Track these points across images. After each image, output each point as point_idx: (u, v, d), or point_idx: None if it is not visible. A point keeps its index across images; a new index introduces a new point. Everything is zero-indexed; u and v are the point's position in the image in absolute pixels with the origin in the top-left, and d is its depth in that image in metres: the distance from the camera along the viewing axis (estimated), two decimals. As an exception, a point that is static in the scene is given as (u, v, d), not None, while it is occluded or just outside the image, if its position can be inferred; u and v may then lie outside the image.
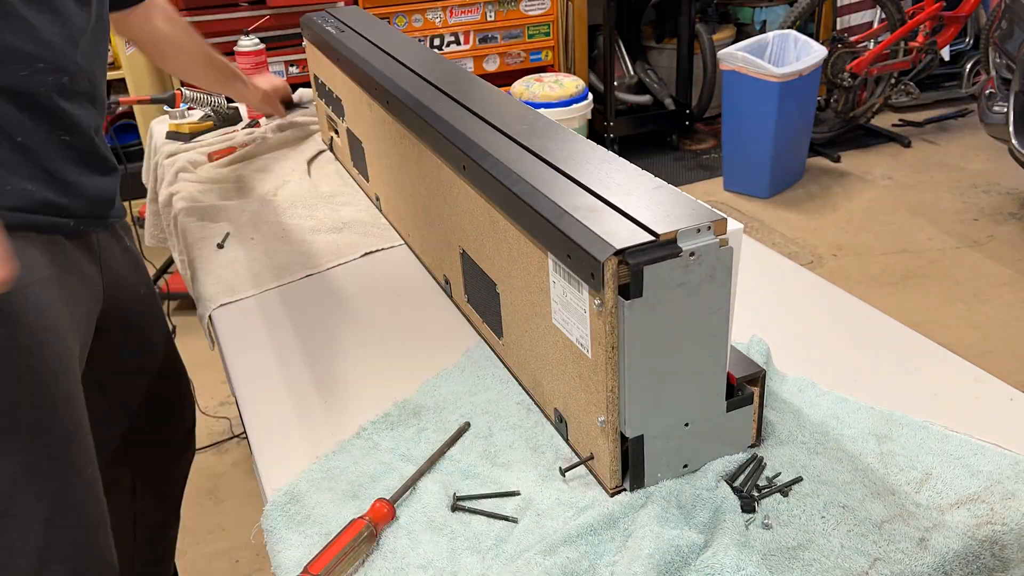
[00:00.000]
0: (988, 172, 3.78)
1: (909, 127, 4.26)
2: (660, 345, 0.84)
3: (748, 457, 0.95)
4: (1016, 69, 3.03)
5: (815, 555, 0.84)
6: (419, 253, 1.46)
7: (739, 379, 0.93)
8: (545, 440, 1.01)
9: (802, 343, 1.17)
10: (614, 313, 0.81)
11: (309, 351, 1.24)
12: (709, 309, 0.84)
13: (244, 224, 1.62)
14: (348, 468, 1.00)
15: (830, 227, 3.41)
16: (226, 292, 1.40)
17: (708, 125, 4.39)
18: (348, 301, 1.36)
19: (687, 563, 0.82)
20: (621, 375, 0.85)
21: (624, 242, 0.79)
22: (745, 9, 4.34)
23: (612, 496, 0.92)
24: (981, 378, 1.08)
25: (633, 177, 0.93)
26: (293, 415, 1.10)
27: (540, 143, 1.04)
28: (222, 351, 1.27)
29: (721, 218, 0.82)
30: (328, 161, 1.91)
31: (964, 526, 0.86)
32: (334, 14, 1.81)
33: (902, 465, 0.94)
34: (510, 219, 0.98)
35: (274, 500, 0.95)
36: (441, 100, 1.22)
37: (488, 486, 0.95)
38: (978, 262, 3.11)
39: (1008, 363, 2.56)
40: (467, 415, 1.07)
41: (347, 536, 0.87)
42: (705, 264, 0.82)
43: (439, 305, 1.33)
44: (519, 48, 3.86)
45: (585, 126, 2.93)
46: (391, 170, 1.47)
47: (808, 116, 3.67)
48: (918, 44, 3.93)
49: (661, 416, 0.88)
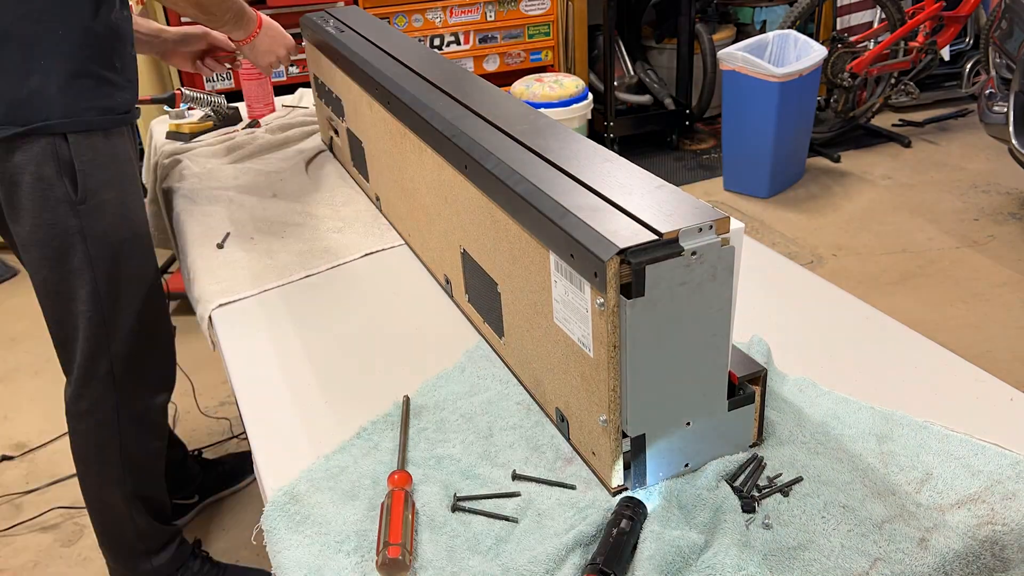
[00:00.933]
0: (988, 172, 3.78)
1: (909, 127, 4.26)
2: (662, 344, 0.84)
3: (748, 457, 0.95)
4: (1016, 69, 3.03)
5: (815, 555, 0.84)
6: (419, 253, 1.46)
7: (741, 378, 0.93)
8: (545, 440, 1.01)
9: (802, 343, 1.17)
10: (616, 312, 0.81)
11: (309, 351, 1.24)
12: (711, 308, 0.84)
13: (244, 224, 1.62)
14: (349, 468, 1.00)
15: (830, 227, 3.41)
16: (226, 292, 1.40)
17: (708, 125, 4.39)
18: (348, 301, 1.36)
19: (688, 564, 0.82)
20: (623, 374, 0.85)
21: (626, 241, 0.79)
22: (745, 9, 4.35)
23: (614, 495, 0.92)
24: (981, 378, 1.08)
25: (635, 176, 0.93)
26: (293, 415, 1.10)
27: (542, 143, 1.04)
28: (222, 351, 1.27)
29: (723, 217, 0.82)
30: (328, 161, 1.91)
31: (964, 526, 0.86)
32: (334, 14, 1.81)
33: (902, 465, 0.94)
34: (512, 218, 0.98)
35: (274, 500, 0.95)
36: (442, 100, 1.22)
37: (488, 486, 0.95)
38: (978, 262, 3.11)
39: (1008, 363, 2.56)
40: (467, 415, 1.07)
41: (398, 506, 0.89)
42: (707, 263, 0.82)
43: (440, 305, 1.33)
44: (519, 48, 3.86)
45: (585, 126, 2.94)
46: (391, 170, 1.47)
47: (808, 116, 3.67)
48: (918, 44, 3.93)
49: (663, 415, 0.89)
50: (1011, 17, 3.19)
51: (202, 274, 1.46)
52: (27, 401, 2.65)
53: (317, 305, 1.35)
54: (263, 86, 2.13)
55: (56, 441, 2.44)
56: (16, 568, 2.06)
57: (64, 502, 2.23)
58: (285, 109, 2.19)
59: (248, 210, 1.67)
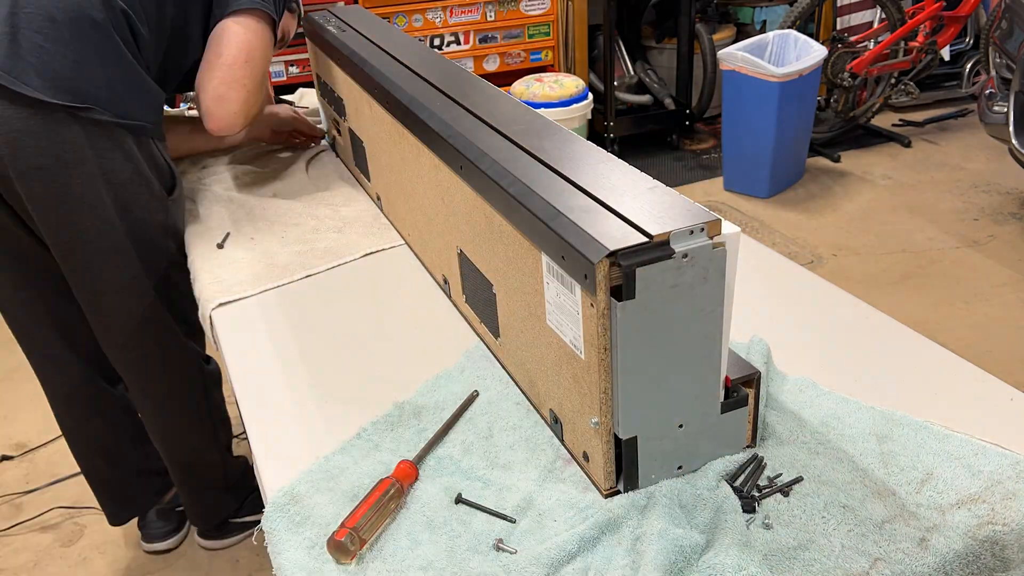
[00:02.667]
0: (988, 172, 3.78)
1: (909, 127, 4.26)
2: (653, 347, 0.84)
3: (748, 457, 0.95)
4: (1016, 69, 3.03)
5: (816, 555, 0.84)
6: (419, 253, 1.46)
7: (734, 381, 0.93)
8: (545, 440, 1.01)
9: (802, 343, 1.17)
10: (606, 315, 0.81)
11: (309, 351, 1.24)
12: (702, 311, 0.84)
13: (244, 224, 1.62)
14: (349, 469, 0.99)
15: (830, 227, 3.41)
16: (226, 292, 1.40)
17: (708, 125, 4.39)
18: (348, 301, 1.36)
19: (690, 563, 0.82)
20: (614, 377, 0.85)
21: (617, 243, 0.79)
22: (745, 9, 4.34)
23: (606, 497, 0.92)
24: (981, 378, 1.08)
25: (628, 178, 0.93)
26: (293, 415, 1.10)
27: (537, 143, 1.03)
28: (222, 351, 1.27)
29: (715, 219, 0.81)
30: (328, 160, 1.91)
31: (965, 526, 0.86)
32: (336, 13, 1.81)
33: (903, 465, 0.94)
34: (506, 219, 0.98)
35: (274, 501, 0.95)
36: (439, 100, 1.22)
37: (489, 487, 0.95)
38: (978, 262, 3.11)
39: (1008, 363, 2.56)
40: (467, 416, 1.07)
41: (376, 493, 0.91)
42: (698, 265, 0.81)
43: (439, 305, 1.33)
44: (519, 48, 3.86)
45: (585, 126, 2.94)
46: (391, 170, 1.47)
47: (808, 116, 3.66)
48: (918, 44, 3.93)
49: (654, 418, 0.88)
50: (1011, 17, 3.18)
51: (202, 274, 1.46)
52: (27, 401, 2.65)
53: (317, 305, 1.35)
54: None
55: (56, 441, 2.44)
56: (16, 568, 2.06)
57: (64, 502, 2.23)
58: (285, 109, 2.18)
59: (248, 210, 1.67)
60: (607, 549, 0.85)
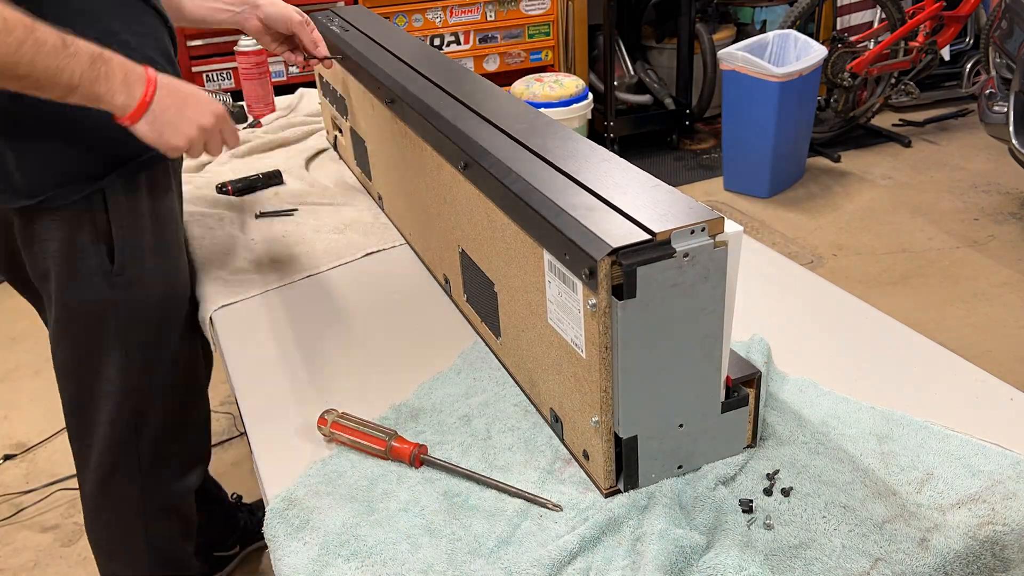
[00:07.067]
0: (988, 172, 3.78)
1: (909, 127, 4.25)
2: (654, 346, 0.84)
3: (749, 457, 0.95)
4: (1016, 69, 3.03)
5: (816, 555, 0.84)
6: (420, 252, 1.46)
7: (735, 381, 0.93)
8: (544, 441, 1.01)
9: (802, 343, 1.17)
10: (608, 313, 0.81)
11: (310, 353, 1.23)
12: (703, 310, 0.84)
13: (244, 224, 1.62)
14: (347, 472, 0.99)
15: (830, 227, 3.41)
16: (227, 293, 1.40)
17: (708, 125, 4.39)
18: (349, 302, 1.36)
19: (690, 563, 0.82)
20: (615, 376, 0.85)
21: (619, 241, 0.79)
22: (745, 9, 4.34)
23: (606, 496, 0.92)
24: (981, 378, 1.08)
25: (631, 176, 0.93)
26: (293, 416, 1.10)
27: (539, 142, 1.03)
28: (223, 352, 1.27)
29: (716, 218, 0.81)
30: (329, 160, 1.91)
31: (965, 526, 0.86)
32: (339, 13, 1.81)
33: (903, 465, 0.94)
34: (508, 217, 0.98)
35: (273, 507, 0.95)
36: (442, 98, 1.22)
37: (488, 488, 0.95)
38: (978, 262, 3.11)
39: (1008, 363, 2.56)
40: (465, 417, 1.07)
41: (372, 439, 1.01)
42: (699, 265, 0.81)
43: (439, 305, 1.33)
44: (519, 48, 3.86)
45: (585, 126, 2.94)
46: (393, 169, 1.47)
47: (808, 116, 3.66)
48: (918, 44, 3.93)
49: (655, 417, 0.88)
50: (1011, 17, 3.18)
51: (203, 275, 1.46)
52: (27, 401, 2.65)
53: (318, 306, 1.35)
54: (263, 86, 2.13)
55: (56, 441, 2.44)
56: (16, 568, 2.05)
57: (64, 502, 2.23)
58: (286, 109, 2.19)
59: (249, 210, 1.67)
60: (608, 549, 0.85)
